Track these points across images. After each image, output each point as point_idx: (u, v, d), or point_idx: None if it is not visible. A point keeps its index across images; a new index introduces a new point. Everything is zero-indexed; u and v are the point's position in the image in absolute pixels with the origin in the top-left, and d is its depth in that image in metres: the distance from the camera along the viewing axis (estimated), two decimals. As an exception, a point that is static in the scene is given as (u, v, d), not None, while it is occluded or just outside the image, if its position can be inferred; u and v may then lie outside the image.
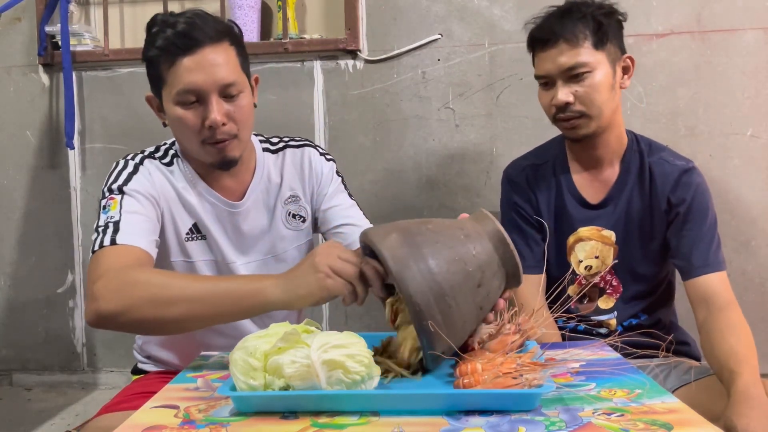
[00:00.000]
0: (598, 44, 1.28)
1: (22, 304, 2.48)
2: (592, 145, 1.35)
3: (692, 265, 1.30)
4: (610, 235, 1.38)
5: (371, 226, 1.31)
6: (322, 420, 0.82)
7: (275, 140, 1.35)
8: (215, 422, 0.83)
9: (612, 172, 1.38)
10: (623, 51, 1.34)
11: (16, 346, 2.51)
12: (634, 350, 1.00)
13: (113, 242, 1.08)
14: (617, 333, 1.38)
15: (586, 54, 1.27)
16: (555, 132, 1.47)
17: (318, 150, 1.36)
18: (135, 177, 1.19)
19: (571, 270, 1.39)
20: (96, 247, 1.09)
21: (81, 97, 2.37)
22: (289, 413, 0.84)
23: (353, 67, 2.24)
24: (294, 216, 1.32)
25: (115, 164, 1.22)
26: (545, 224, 1.36)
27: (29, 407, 2.32)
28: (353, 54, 2.23)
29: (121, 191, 1.16)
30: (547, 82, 1.32)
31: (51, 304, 2.46)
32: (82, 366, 2.49)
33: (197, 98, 1.13)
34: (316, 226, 1.37)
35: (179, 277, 1.06)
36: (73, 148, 2.32)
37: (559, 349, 1.09)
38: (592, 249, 1.39)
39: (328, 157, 1.36)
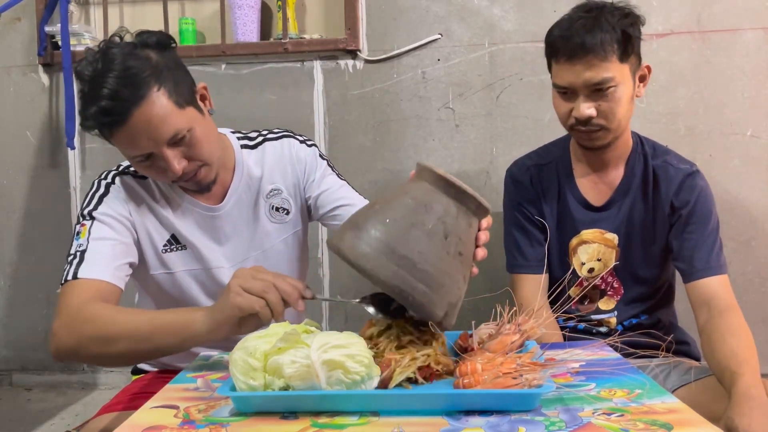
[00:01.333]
0: (623, 57, 1.24)
1: (22, 304, 2.48)
2: (601, 150, 1.35)
3: (694, 268, 1.30)
4: (613, 237, 1.38)
5: (367, 202, 1.30)
6: (322, 420, 0.82)
7: (254, 135, 1.34)
8: (215, 422, 0.83)
9: (616, 175, 1.38)
10: (641, 59, 1.31)
11: (16, 346, 2.51)
12: (634, 350, 1.00)
13: (75, 276, 1.11)
14: (617, 333, 1.38)
15: (613, 69, 1.22)
16: (555, 132, 1.47)
17: (297, 138, 1.35)
18: (105, 199, 1.20)
19: (571, 271, 1.39)
20: (62, 281, 1.12)
21: (81, 97, 2.37)
22: (289, 413, 0.84)
23: (353, 67, 2.24)
24: (277, 209, 1.31)
25: (90, 185, 1.23)
26: (546, 225, 1.36)
27: (29, 407, 2.32)
28: (353, 54, 2.23)
29: (91, 216, 1.17)
30: (566, 92, 1.28)
31: (51, 304, 2.46)
32: (81, 366, 2.49)
33: (149, 155, 1.11)
34: (309, 215, 1.36)
35: (123, 314, 1.06)
36: (74, 147, 2.32)
37: (559, 349, 1.09)
38: (594, 251, 1.39)
39: (309, 143, 1.35)
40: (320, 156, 1.35)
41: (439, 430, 0.78)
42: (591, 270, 1.39)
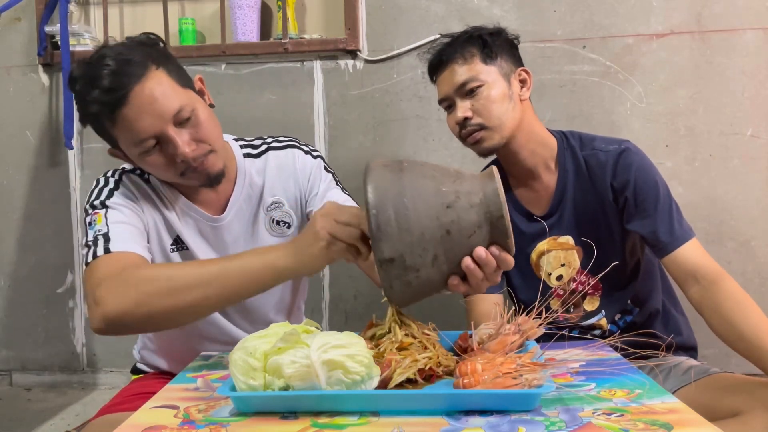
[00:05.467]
0: (487, 59, 1.34)
1: (22, 304, 2.48)
2: (515, 158, 1.38)
3: (662, 243, 1.29)
4: (567, 239, 1.38)
5: None
6: (322, 420, 0.82)
7: (257, 143, 1.31)
8: (215, 422, 0.83)
9: (551, 178, 1.39)
10: (518, 65, 1.39)
11: (16, 346, 2.51)
12: (635, 351, 1.00)
13: (107, 251, 1.07)
14: (617, 333, 1.38)
15: (476, 69, 1.33)
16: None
17: (303, 149, 1.31)
18: (116, 192, 1.18)
19: (543, 285, 1.38)
20: (90, 259, 1.07)
21: (81, 97, 2.37)
22: (289, 413, 0.84)
23: (353, 67, 2.24)
24: (278, 223, 1.28)
25: (95, 182, 1.21)
26: None
27: (29, 407, 2.32)
28: (353, 54, 2.23)
29: (104, 205, 1.15)
30: (449, 105, 1.38)
31: (51, 304, 2.46)
32: (81, 366, 2.49)
33: (156, 140, 1.09)
34: None
35: (187, 264, 1.06)
36: (72, 148, 2.32)
37: (559, 349, 1.09)
38: (555, 259, 1.39)
39: (315, 154, 1.32)
40: (325, 168, 1.31)
41: (439, 430, 0.77)
42: (560, 277, 1.39)
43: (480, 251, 0.89)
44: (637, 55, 2.11)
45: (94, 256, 1.07)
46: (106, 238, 1.09)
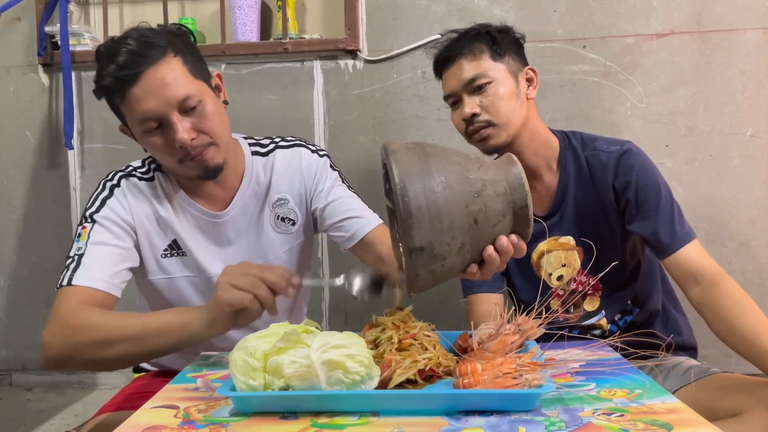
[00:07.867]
0: (496, 56, 1.34)
1: (22, 304, 2.48)
2: (518, 158, 1.35)
3: (663, 244, 1.29)
4: (569, 240, 1.38)
5: (374, 216, 1.29)
6: (322, 420, 0.82)
7: (266, 141, 1.33)
8: (215, 422, 0.83)
9: (552, 178, 1.39)
10: (524, 64, 1.40)
11: (16, 346, 2.50)
12: (634, 351, 1.00)
13: (69, 282, 1.11)
14: (617, 333, 1.38)
15: (485, 66, 1.33)
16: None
17: (309, 148, 1.33)
18: (108, 202, 1.20)
19: (543, 285, 1.38)
20: (58, 285, 1.13)
21: (80, 97, 2.37)
22: (289, 413, 0.84)
23: (353, 67, 2.24)
24: (283, 219, 1.29)
25: (97, 185, 1.24)
26: None
27: (29, 407, 2.32)
28: (353, 54, 2.23)
29: (92, 219, 1.18)
30: (455, 101, 1.37)
31: (51, 304, 2.44)
32: (81, 366, 2.49)
33: (159, 122, 1.12)
34: (315, 227, 1.34)
35: (116, 317, 1.08)
36: (72, 148, 2.32)
37: (559, 349, 1.09)
38: (556, 259, 1.39)
39: (321, 153, 1.33)
40: (331, 167, 1.33)
41: (439, 430, 0.77)
42: (560, 277, 1.39)
43: (503, 240, 0.89)
44: (637, 55, 2.11)
45: (60, 284, 1.12)
46: (78, 262, 1.13)
